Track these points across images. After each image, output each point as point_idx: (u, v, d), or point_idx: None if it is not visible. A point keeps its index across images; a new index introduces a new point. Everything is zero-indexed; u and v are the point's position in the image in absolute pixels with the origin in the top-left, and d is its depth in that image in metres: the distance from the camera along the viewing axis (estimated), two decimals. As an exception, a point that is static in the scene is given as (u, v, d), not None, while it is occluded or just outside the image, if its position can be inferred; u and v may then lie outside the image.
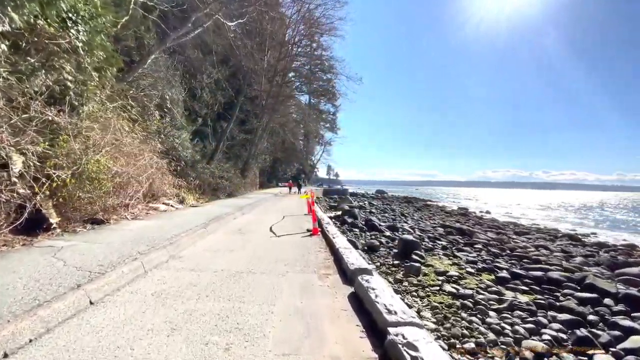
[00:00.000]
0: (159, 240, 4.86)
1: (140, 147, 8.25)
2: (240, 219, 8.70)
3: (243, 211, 10.20)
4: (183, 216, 7.60)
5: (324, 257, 4.99)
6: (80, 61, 4.94)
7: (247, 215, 9.68)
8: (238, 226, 7.48)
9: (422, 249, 11.07)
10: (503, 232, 17.81)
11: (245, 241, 5.78)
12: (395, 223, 17.56)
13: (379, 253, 10.83)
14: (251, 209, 11.41)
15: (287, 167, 41.25)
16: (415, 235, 14.55)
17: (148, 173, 7.79)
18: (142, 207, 8.09)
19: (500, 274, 8.82)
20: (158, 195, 9.27)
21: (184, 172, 12.87)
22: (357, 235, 13.63)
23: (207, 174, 14.32)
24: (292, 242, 5.92)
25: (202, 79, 26.07)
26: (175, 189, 10.83)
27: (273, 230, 7.02)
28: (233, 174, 18.41)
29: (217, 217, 7.84)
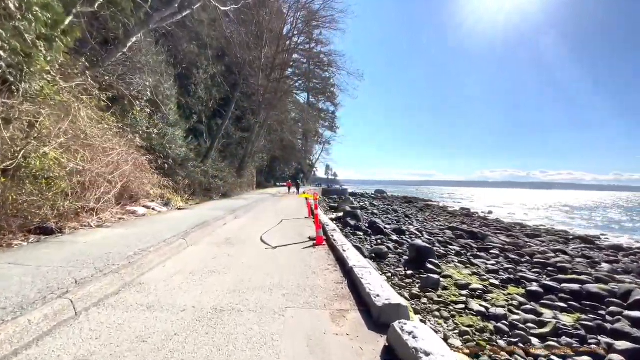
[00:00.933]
0: (115, 259, 3.60)
1: (115, 141, 6.96)
2: (231, 225, 7.42)
3: (236, 214, 8.92)
4: (162, 222, 6.33)
5: (335, 280, 3.74)
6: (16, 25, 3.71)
7: (240, 220, 8.40)
8: (227, 234, 6.21)
9: (435, 256, 9.86)
10: (514, 235, 16.64)
11: (232, 256, 4.51)
12: (400, 225, 16.34)
13: (387, 261, 9.61)
14: (246, 212, 10.13)
15: (286, 167, 39.93)
16: (425, 239, 13.34)
17: (121, 171, 6.51)
18: (116, 211, 6.81)
19: (530, 288, 7.60)
20: (138, 196, 7.98)
21: (172, 171, 11.58)
22: (362, 240, 12.40)
23: (199, 173, 13.02)
24: (292, 257, 4.66)
25: (198, 75, 24.77)
26: (160, 189, 9.54)
27: (267, 242, 5.74)
28: (228, 173, 17.11)
29: (203, 222, 6.57)
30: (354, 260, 4.20)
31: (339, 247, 5.01)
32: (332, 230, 6.55)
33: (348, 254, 4.61)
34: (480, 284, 7.85)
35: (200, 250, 4.80)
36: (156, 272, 3.64)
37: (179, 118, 21.68)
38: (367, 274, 3.59)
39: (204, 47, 22.78)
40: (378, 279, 3.50)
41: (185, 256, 4.38)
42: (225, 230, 6.58)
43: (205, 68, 26.28)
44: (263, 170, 34.73)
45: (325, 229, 6.68)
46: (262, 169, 34.32)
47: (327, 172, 78.90)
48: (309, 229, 7.37)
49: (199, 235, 5.57)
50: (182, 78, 25.24)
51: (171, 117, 19.12)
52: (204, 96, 24.49)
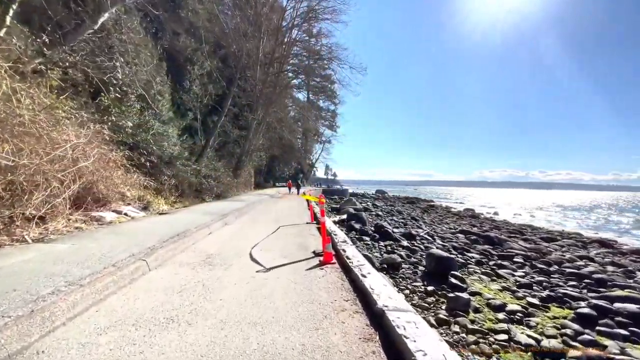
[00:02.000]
0: (12, 302, 2.24)
1: (73, 132, 5.56)
2: (217, 234, 6.02)
3: (226, 220, 7.53)
4: (128, 233, 4.94)
5: (360, 333, 2.36)
6: None
7: (230, 227, 7.01)
8: (210, 248, 4.83)
9: (457, 268, 8.50)
10: (530, 239, 15.29)
11: (208, 288, 3.13)
12: (409, 229, 14.98)
13: (402, 273, 8.24)
14: (238, 216, 8.74)
15: (285, 167, 38.51)
16: (439, 245, 11.98)
17: (78, 167, 5.12)
18: (75, 218, 5.42)
19: (581, 310, 6.24)
20: (108, 199, 6.59)
21: (157, 169, 10.19)
22: (369, 246, 11.02)
23: (189, 173, 11.63)
24: (292, 286, 3.28)
25: (193, 71, 23.39)
26: (140, 191, 8.16)
27: (260, 259, 4.34)
28: (223, 173, 15.72)
29: (181, 233, 5.19)
30: (383, 295, 2.84)
31: (356, 269, 3.65)
32: (342, 242, 5.18)
33: (371, 280, 3.25)
34: (517, 304, 6.48)
35: (165, 276, 3.41)
36: (73, 326, 2.24)
37: (173, 115, 20.32)
38: (412, 327, 2.23)
39: (198, 39, 21.41)
40: (434, 335, 2.14)
41: (138, 289, 2.99)
42: (208, 243, 5.19)
43: (201, 63, 24.95)
44: (262, 170, 33.33)
45: (334, 241, 5.31)
46: (261, 168, 32.92)
47: (326, 172, 77.61)
48: (312, 239, 5.99)
49: (170, 251, 4.18)
50: (177, 73, 23.88)
51: (164, 114, 17.77)
52: (199, 92, 23.12)
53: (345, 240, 5.39)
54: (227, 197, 15.41)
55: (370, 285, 3.10)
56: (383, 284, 3.20)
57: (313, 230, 7.21)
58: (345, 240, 5.32)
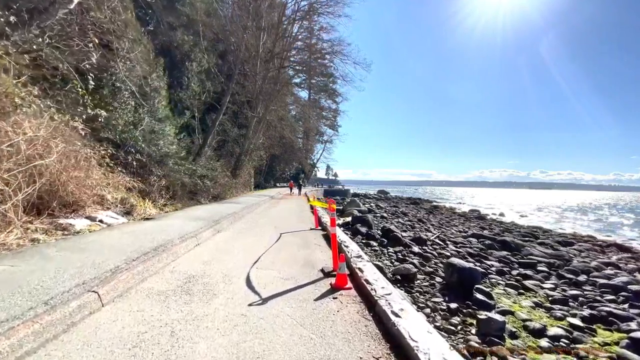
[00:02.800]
0: None
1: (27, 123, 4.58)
2: (206, 246, 5.02)
3: (219, 226, 6.54)
4: (92, 248, 3.93)
5: None
6: None
7: (222, 235, 6.02)
8: (192, 267, 3.84)
9: (480, 280, 7.51)
10: (546, 243, 14.27)
11: (177, 338, 2.10)
12: (418, 233, 13.99)
13: (418, 285, 7.26)
14: (233, 222, 7.74)
15: (286, 166, 37.49)
16: (452, 250, 10.99)
17: (34, 165, 4.15)
18: (37, 227, 4.46)
19: (633, 333, 5.26)
20: (81, 203, 5.62)
21: (146, 169, 9.23)
22: (378, 253, 10.03)
23: (182, 172, 10.64)
24: (299, 337, 2.29)
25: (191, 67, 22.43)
26: (123, 192, 7.18)
27: (255, 284, 3.35)
28: (220, 173, 14.74)
29: (160, 246, 4.21)
30: (433, 354, 1.88)
31: (382, 301, 2.66)
32: (356, 258, 4.19)
33: (408, 323, 2.28)
34: (558, 326, 5.50)
35: (121, 316, 2.43)
36: None
37: (170, 113, 19.36)
38: None
39: (196, 34, 20.46)
40: None
41: (71, 344, 2.01)
42: (192, 258, 4.20)
43: (200, 60, 23.97)
44: (262, 170, 32.35)
45: (346, 255, 4.34)
46: (262, 168, 31.93)
47: (327, 172, 76.64)
48: (319, 251, 5.01)
49: (138, 274, 3.20)
50: (174, 70, 22.94)
51: (160, 111, 16.83)
52: (197, 89, 22.17)
53: (359, 254, 4.40)
54: (225, 198, 14.44)
55: (410, 334, 2.13)
56: (427, 329, 2.23)
57: (319, 238, 6.23)
58: (359, 255, 4.32)
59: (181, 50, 23.25)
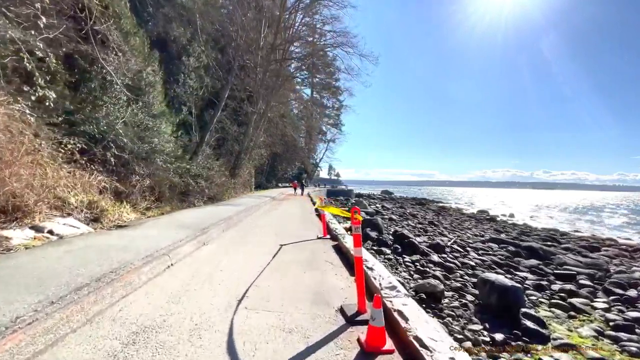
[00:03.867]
0: None
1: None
2: (180, 269, 3.70)
3: (206, 237, 5.26)
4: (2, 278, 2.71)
5: None
6: None
7: (207, 249, 4.73)
8: (148, 311, 2.54)
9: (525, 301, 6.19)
10: (573, 249, 12.91)
11: None
12: (432, 237, 12.67)
13: (448, 306, 5.96)
14: (226, 229, 6.46)
15: (288, 166, 36.22)
16: (475, 258, 9.67)
17: None
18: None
19: None
20: (33, 208, 4.37)
21: (128, 167, 7.98)
22: (392, 263, 8.72)
23: (171, 171, 9.39)
24: None
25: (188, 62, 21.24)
26: (93, 194, 5.93)
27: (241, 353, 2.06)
28: (217, 172, 13.48)
29: (108, 273, 2.93)
30: None
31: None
32: (390, 290, 2.89)
33: None
34: (643, 370, 4.18)
35: None
36: None
37: (166, 109, 18.19)
38: None
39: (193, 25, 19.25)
40: None
41: None
42: (153, 292, 2.91)
43: (198, 55, 22.79)
44: (264, 169, 31.10)
45: (375, 285, 3.05)
46: (263, 168, 30.68)
47: (329, 172, 75.33)
48: (332, 274, 3.73)
49: (47, 333, 1.96)
50: (171, 65, 21.74)
51: (155, 107, 15.66)
52: (194, 85, 20.96)
53: (392, 284, 3.09)
54: (222, 200, 13.19)
55: None
56: None
57: (329, 252, 4.94)
58: (393, 286, 3.02)
59: (178, 44, 22.03)
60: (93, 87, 11.16)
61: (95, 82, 11.36)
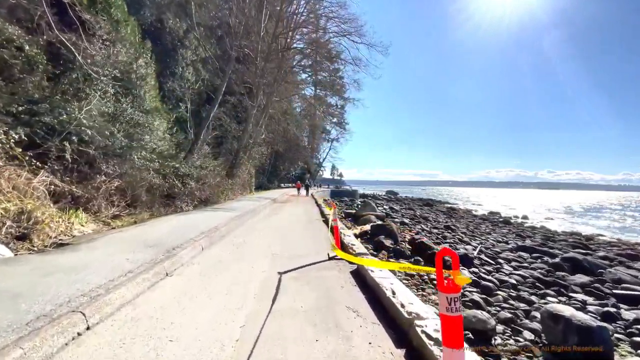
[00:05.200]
0: None
1: None
2: (99, 336, 2.20)
3: (173, 262, 3.67)
4: None
5: None
6: None
7: (168, 285, 3.15)
8: None
9: (611, 345, 4.58)
10: (611, 257, 11.24)
11: None
12: (455, 246, 11.07)
13: (503, 348, 4.39)
14: (207, 247, 4.87)
15: (291, 166, 34.66)
16: (513, 274, 8.07)
17: None
18: None
19: None
20: None
21: (93, 166, 6.45)
22: (417, 281, 7.14)
23: (151, 170, 7.86)
24: None
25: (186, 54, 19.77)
26: (30, 201, 4.39)
27: None
28: (210, 172, 11.94)
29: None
30: None
31: None
32: None
33: None
34: None
35: None
36: None
37: (160, 104, 16.70)
38: None
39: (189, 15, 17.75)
40: None
41: None
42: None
43: (195, 48, 21.30)
44: (265, 169, 29.57)
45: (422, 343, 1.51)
46: (265, 167, 29.16)
47: (332, 172, 73.61)
48: (359, 335, 2.19)
49: None
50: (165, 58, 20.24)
51: (148, 102, 14.18)
52: (191, 78, 19.46)
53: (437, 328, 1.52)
54: (216, 203, 11.65)
55: None
56: None
57: (350, 286, 3.36)
58: None
59: (173, 36, 20.52)
60: (75, 78, 9.76)
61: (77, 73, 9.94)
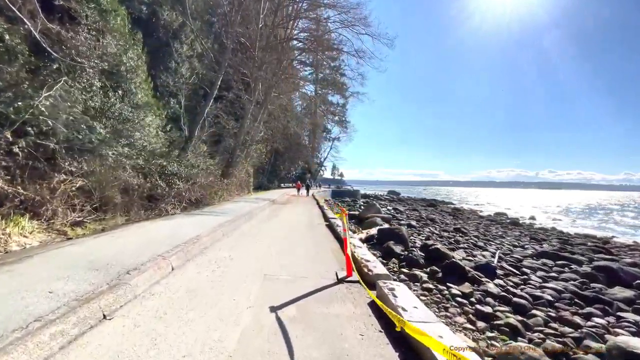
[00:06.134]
0: None
1: None
2: None
3: (127, 290, 2.65)
4: None
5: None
6: None
7: (104, 336, 2.16)
8: None
9: None
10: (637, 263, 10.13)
11: None
12: (471, 252, 9.97)
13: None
14: (179, 267, 3.78)
15: (291, 166, 33.55)
16: (541, 286, 7.01)
17: None
18: None
19: None
20: None
21: (54, 162, 5.37)
22: (437, 298, 5.94)
23: (128, 168, 6.78)
24: None
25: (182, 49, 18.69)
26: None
27: None
28: (203, 171, 10.86)
29: None
30: None
31: None
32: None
33: None
34: None
35: None
36: None
37: (153, 100, 15.61)
38: None
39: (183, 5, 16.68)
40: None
41: None
42: None
43: (191, 43, 20.20)
44: (265, 169, 28.47)
45: None
46: (264, 167, 28.05)
47: (333, 172, 72.49)
48: None
49: None
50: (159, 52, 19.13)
51: (139, 97, 13.12)
52: (186, 73, 18.38)
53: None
54: (210, 204, 10.57)
55: None
56: None
57: (371, 325, 2.29)
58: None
59: (168, 29, 19.40)
60: (56, 69, 8.71)
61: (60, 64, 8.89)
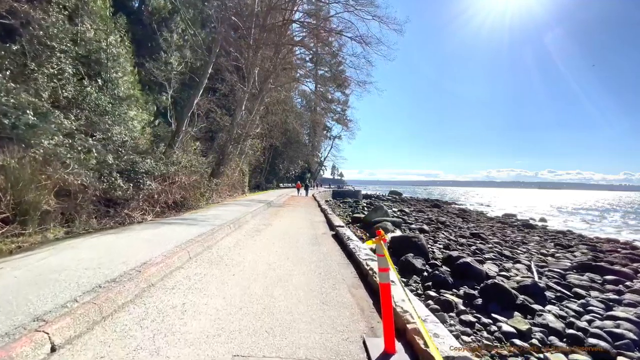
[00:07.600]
0: None
1: None
2: None
3: None
4: None
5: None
6: None
7: None
8: None
9: None
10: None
11: None
12: (502, 264, 8.39)
13: None
14: (73, 337, 2.12)
15: (291, 165, 31.91)
16: (604, 312, 5.45)
17: None
18: None
19: None
20: None
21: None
22: (480, 334, 4.44)
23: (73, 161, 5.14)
24: None
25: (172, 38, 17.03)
26: None
27: None
28: (183, 168, 9.19)
29: None
30: None
31: None
32: None
33: None
34: None
35: None
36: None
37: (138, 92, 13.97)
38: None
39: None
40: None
41: None
42: None
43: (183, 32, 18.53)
44: (263, 168, 26.79)
45: None
46: (262, 166, 26.39)
47: (333, 172, 70.76)
48: None
49: None
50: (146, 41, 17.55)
51: (122, 88, 11.53)
52: (174, 63, 16.72)
53: None
54: (192, 208, 8.94)
55: None
56: None
57: None
58: None
59: (157, 17, 17.74)
60: (18, 51, 7.26)
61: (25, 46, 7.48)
